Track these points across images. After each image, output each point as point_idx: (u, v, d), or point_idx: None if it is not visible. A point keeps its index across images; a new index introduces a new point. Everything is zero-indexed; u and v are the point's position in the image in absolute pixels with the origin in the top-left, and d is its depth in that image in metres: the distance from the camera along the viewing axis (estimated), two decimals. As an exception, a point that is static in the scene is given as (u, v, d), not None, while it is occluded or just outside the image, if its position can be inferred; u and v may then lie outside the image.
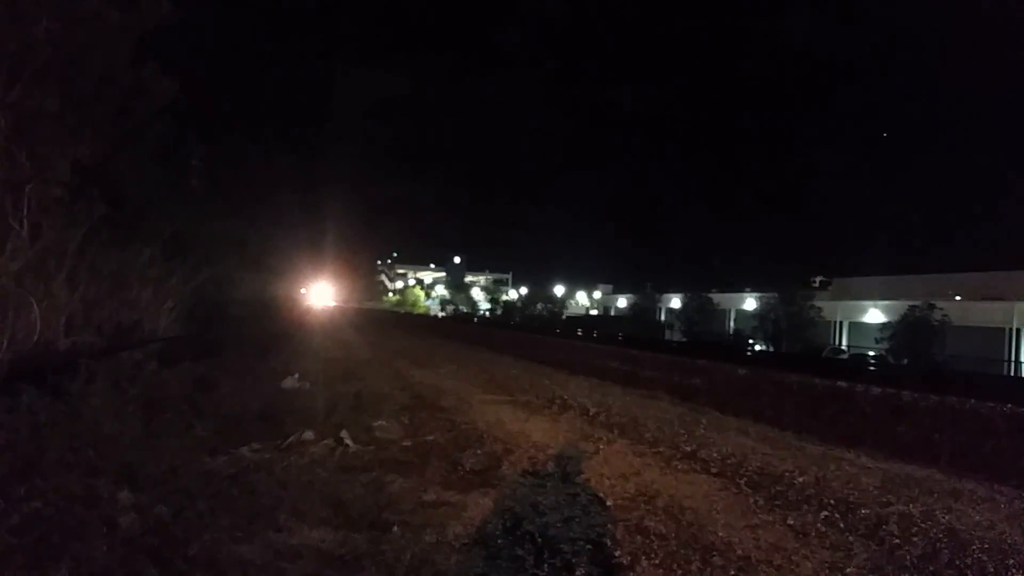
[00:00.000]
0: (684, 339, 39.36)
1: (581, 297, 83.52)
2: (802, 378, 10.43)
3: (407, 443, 7.04)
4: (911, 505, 5.44)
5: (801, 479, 6.14)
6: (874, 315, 36.06)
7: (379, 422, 7.82)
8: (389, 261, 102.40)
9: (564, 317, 57.81)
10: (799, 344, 34.68)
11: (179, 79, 9.99)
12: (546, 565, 3.93)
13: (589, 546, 4.24)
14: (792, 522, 4.93)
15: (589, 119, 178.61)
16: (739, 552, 4.29)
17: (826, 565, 4.15)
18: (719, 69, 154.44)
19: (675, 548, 4.31)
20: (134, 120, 9.34)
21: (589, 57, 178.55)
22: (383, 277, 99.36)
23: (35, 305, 6.95)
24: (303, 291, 35.42)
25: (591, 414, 9.41)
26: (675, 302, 49.23)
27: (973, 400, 7.82)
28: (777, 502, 5.44)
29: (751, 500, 5.47)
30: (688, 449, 7.32)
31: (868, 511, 5.22)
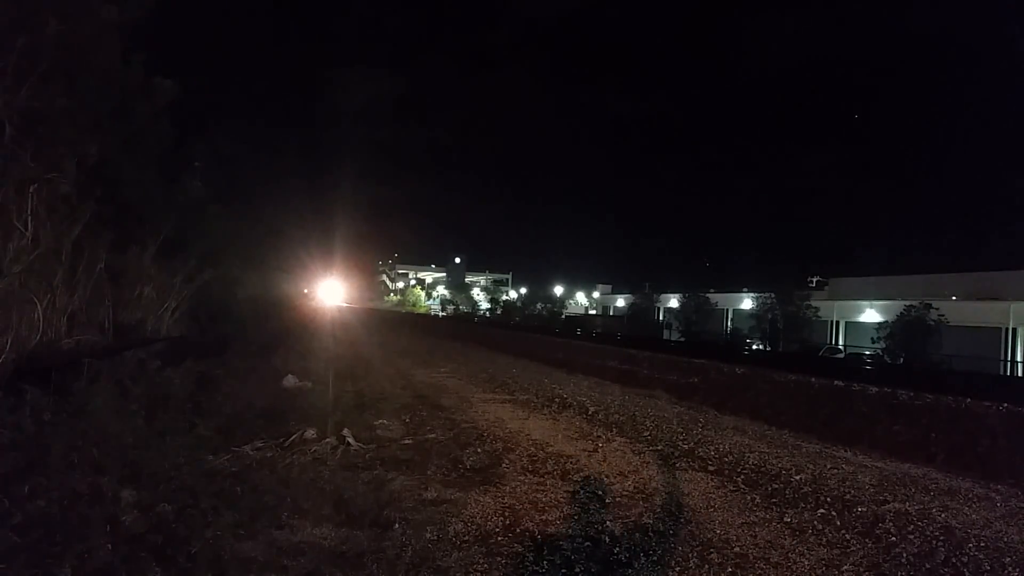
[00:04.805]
0: (682, 338, 39.36)
1: (580, 297, 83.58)
2: (799, 377, 10.48)
3: (408, 441, 7.09)
4: (907, 503, 5.49)
5: (798, 477, 6.20)
6: (870, 315, 36.10)
7: (380, 420, 7.87)
8: (390, 261, 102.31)
9: (563, 317, 57.81)
10: (796, 344, 34.73)
11: (182, 81, 10.06)
12: (545, 562, 3.98)
13: (588, 543, 4.28)
14: (789, 520, 4.98)
15: (588, 119, 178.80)
16: (736, 549, 4.33)
17: (823, 562, 4.19)
18: (715, 68, 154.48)
19: (673, 545, 4.36)
20: (136, 120, 9.37)
21: (587, 57, 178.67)
22: (384, 277, 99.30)
23: (38, 305, 6.98)
24: (305, 291, 35.42)
25: (590, 413, 9.46)
26: (673, 302, 49.26)
27: (969, 399, 7.87)
28: (774, 500, 5.49)
29: (748, 498, 5.52)
30: (686, 447, 7.38)
31: (865, 509, 5.27)
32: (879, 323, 31.77)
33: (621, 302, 62.38)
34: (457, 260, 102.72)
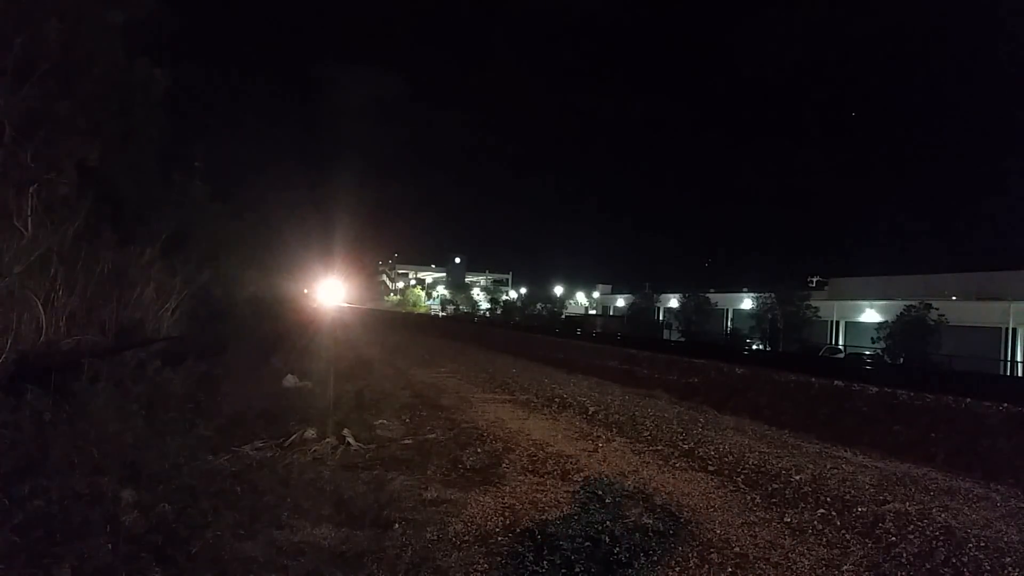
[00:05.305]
0: (682, 339, 39.40)
1: (580, 297, 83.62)
2: (799, 377, 10.50)
3: (408, 441, 7.09)
4: (907, 503, 5.49)
5: (798, 477, 6.20)
6: (870, 315, 36.12)
7: (380, 420, 7.87)
8: (390, 261, 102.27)
9: (563, 317, 57.86)
10: (796, 344, 34.75)
11: (182, 80, 10.06)
12: (545, 562, 3.98)
13: (588, 543, 4.28)
14: (789, 520, 4.98)
15: (588, 119, 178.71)
16: (736, 549, 4.34)
17: (823, 562, 4.19)
18: (715, 68, 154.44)
19: (673, 545, 4.36)
20: (134, 116, 9.36)
21: (588, 57, 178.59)
22: (384, 277, 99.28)
23: (38, 305, 6.98)
24: (305, 291, 35.45)
25: (590, 413, 9.46)
26: (673, 302, 49.31)
27: (969, 399, 7.88)
28: (774, 500, 5.49)
29: (748, 498, 5.52)
30: (686, 447, 7.38)
31: (865, 509, 5.27)
32: (879, 323, 31.79)
33: (621, 302, 62.39)
34: (457, 260, 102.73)
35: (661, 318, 51.76)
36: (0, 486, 4.27)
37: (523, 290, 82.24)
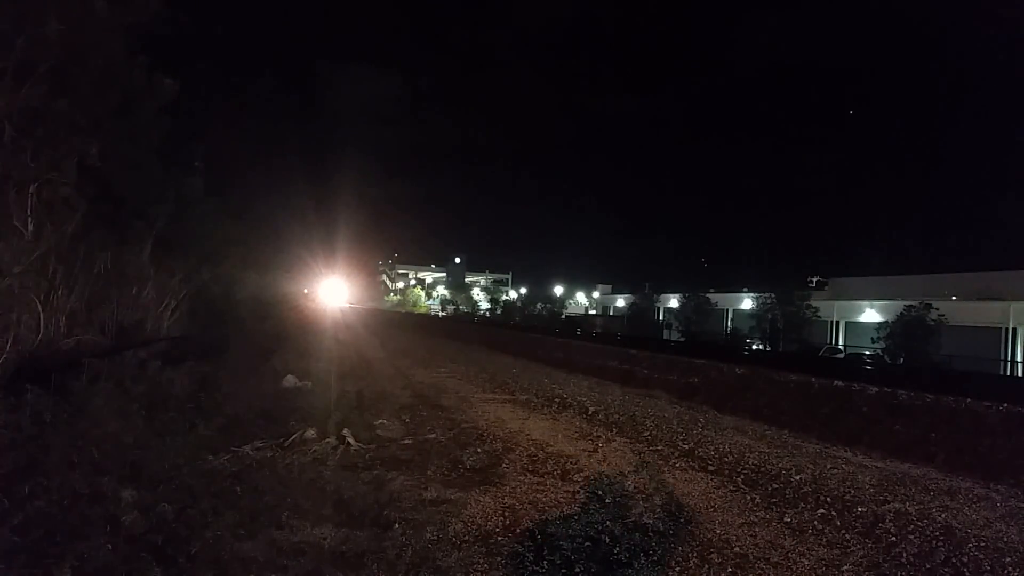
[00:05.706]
0: (682, 338, 39.39)
1: (580, 297, 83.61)
2: (799, 377, 10.47)
3: (408, 441, 7.09)
4: (907, 503, 5.49)
5: (798, 477, 6.20)
6: (871, 315, 36.13)
7: (380, 420, 7.87)
8: (390, 261, 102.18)
9: (563, 317, 57.86)
10: (796, 344, 34.75)
11: (182, 80, 10.08)
12: (545, 562, 3.98)
13: (588, 543, 4.29)
14: (789, 520, 4.98)
15: (587, 120, 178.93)
16: (736, 549, 4.33)
17: (823, 562, 4.19)
18: (714, 68, 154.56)
19: (673, 545, 4.36)
20: (136, 119, 9.37)
21: (588, 56, 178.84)
22: (384, 277, 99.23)
23: (38, 305, 6.99)
24: (306, 291, 35.47)
25: (590, 413, 9.46)
26: (673, 302, 49.32)
27: (969, 399, 7.87)
28: (774, 500, 5.49)
29: (748, 498, 5.52)
30: (686, 447, 7.38)
31: (865, 509, 5.27)
32: (879, 323, 31.78)
33: (621, 302, 62.37)
34: (457, 260, 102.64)
35: (661, 318, 51.73)
36: (0, 486, 4.27)
37: (523, 290, 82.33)
